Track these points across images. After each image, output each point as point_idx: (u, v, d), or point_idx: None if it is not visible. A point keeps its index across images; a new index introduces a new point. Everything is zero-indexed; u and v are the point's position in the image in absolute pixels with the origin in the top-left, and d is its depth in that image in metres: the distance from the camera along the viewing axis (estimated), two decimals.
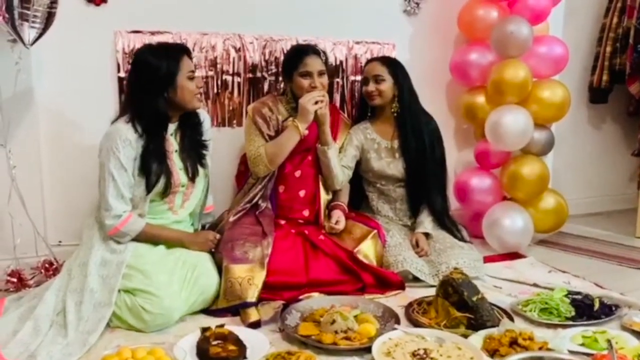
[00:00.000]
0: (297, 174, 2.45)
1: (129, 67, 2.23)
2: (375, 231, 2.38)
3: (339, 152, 2.51)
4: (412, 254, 2.38)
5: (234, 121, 2.73)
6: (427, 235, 2.54)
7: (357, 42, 2.90)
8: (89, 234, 2.05)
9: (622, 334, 1.78)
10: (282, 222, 2.42)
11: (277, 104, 2.45)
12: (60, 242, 2.50)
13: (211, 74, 2.65)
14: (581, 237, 3.20)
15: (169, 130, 2.11)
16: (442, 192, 2.65)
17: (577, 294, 2.10)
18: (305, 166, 2.45)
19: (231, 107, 2.72)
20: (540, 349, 1.62)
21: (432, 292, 2.03)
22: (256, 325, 1.89)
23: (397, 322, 1.87)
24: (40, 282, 2.25)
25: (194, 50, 2.57)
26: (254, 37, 2.70)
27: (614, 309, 1.99)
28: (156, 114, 2.03)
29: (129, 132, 1.99)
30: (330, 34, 2.84)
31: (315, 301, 2.03)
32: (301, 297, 2.08)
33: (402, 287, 2.25)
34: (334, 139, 2.46)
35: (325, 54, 2.45)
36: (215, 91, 2.68)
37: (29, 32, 2.05)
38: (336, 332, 1.76)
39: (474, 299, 1.82)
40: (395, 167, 2.61)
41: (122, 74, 2.49)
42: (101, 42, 2.47)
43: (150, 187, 2.03)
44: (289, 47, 2.65)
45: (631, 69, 3.32)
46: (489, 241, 2.82)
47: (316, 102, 2.29)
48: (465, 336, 1.73)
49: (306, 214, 2.47)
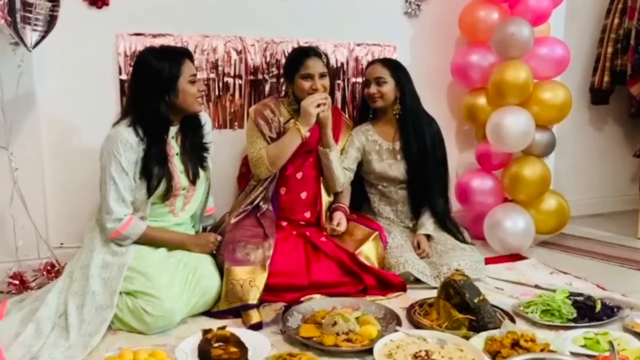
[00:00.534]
0: (299, 175, 2.45)
1: (131, 69, 2.23)
2: (376, 233, 2.38)
3: (340, 153, 2.51)
4: (413, 256, 2.38)
5: (235, 123, 2.73)
6: (428, 236, 2.54)
7: (358, 44, 2.91)
8: (90, 237, 2.06)
9: (624, 336, 1.77)
10: (284, 223, 2.42)
11: (279, 105, 2.45)
12: (62, 244, 2.50)
13: (212, 76, 2.66)
14: (583, 238, 3.19)
15: (170, 133, 2.11)
16: (443, 193, 2.65)
17: (579, 295, 2.09)
18: (306, 168, 2.45)
19: (232, 109, 2.72)
20: (542, 350, 1.61)
21: (433, 293, 2.03)
22: (258, 327, 1.89)
23: (399, 323, 1.87)
24: (42, 284, 2.25)
25: (195, 52, 2.57)
26: (255, 40, 2.71)
27: (615, 310, 1.99)
28: (157, 118, 2.03)
29: (130, 136, 1.99)
30: (331, 36, 2.84)
31: (316, 303, 2.03)
32: (302, 298, 2.08)
33: (404, 289, 2.25)
34: (336, 141, 2.46)
35: (326, 55, 2.43)
36: (216, 93, 2.68)
37: (31, 35, 2.06)
38: (337, 333, 1.76)
39: (476, 300, 1.82)
40: (396, 168, 2.61)
41: (123, 77, 2.49)
42: (103, 45, 2.48)
43: (151, 190, 2.04)
44: (290, 49, 2.66)
45: (632, 70, 3.32)
46: (491, 243, 2.81)
47: (318, 105, 2.28)
48: (466, 338, 1.73)
49: (307, 215, 2.47)
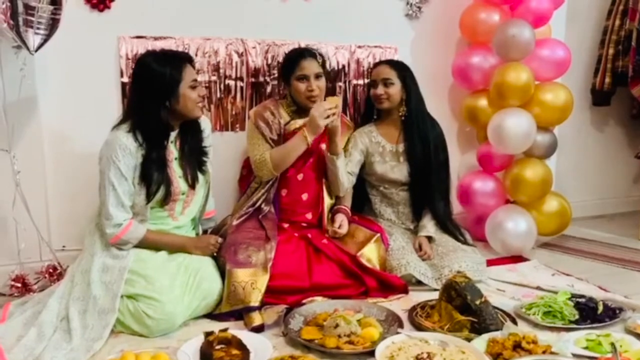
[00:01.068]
0: (300, 177, 2.45)
1: (132, 73, 2.22)
2: (378, 235, 2.38)
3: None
4: (415, 258, 2.38)
5: (237, 125, 2.73)
6: (430, 238, 2.54)
7: (360, 46, 2.91)
8: (91, 241, 2.06)
9: (626, 337, 1.77)
10: (286, 225, 2.42)
11: (278, 107, 2.45)
12: (64, 247, 2.50)
13: (214, 78, 2.66)
14: (585, 239, 3.19)
15: (169, 138, 2.10)
16: (445, 196, 2.65)
17: (581, 297, 2.09)
18: (307, 169, 2.45)
19: (234, 112, 2.73)
20: (543, 352, 1.61)
21: (435, 295, 2.03)
22: (259, 329, 1.90)
23: (401, 326, 1.86)
24: (44, 287, 2.25)
25: (196, 55, 2.58)
26: (256, 42, 2.71)
27: (617, 312, 1.98)
28: (157, 123, 2.02)
29: (129, 141, 1.98)
30: (332, 38, 2.84)
31: (318, 305, 2.03)
32: (304, 301, 2.08)
33: (405, 291, 2.25)
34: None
35: (322, 56, 2.42)
36: (218, 96, 2.68)
37: (33, 38, 2.06)
38: (339, 336, 1.76)
39: (477, 302, 1.82)
40: (399, 171, 2.61)
41: (125, 79, 2.50)
42: (104, 48, 2.48)
43: (150, 196, 2.03)
44: None
45: (634, 71, 3.31)
46: (492, 244, 2.81)
47: (327, 116, 2.25)
48: (468, 340, 1.73)
49: (309, 217, 2.47)
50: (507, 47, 2.71)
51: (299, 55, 2.39)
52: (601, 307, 1.99)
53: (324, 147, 2.43)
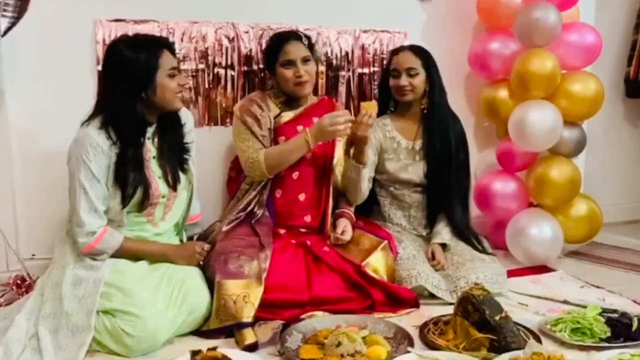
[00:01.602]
0: (295, 175, 2.44)
1: (102, 62, 2.21)
2: (385, 242, 2.37)
3: (343, 154, 2.50)
4: (427, 268, 2.38)
5: (227, 120, 2.73)
6: (444, 246, 2.54)
7: (365, 31, 2.91)
8: (62, 251, 2.05)
9: None
10: (282, 231, 2.42)
11: (265, 100, 2.46)
12: (33, 255, 2.50)
13: (202, 66, 2.66)
14: (617, 247, 3.19)
15: (146, 134, 2.09)
16: (463, 200, 2.65)
17: (613, 312, 2.08)
18: (303, 166, 2.44)
19: (224, 104, 2.72)
20: None
21: (449, 310, 2.03)
22: (253, 347, 1.89)
23: (411, 344, 1.86)
24: (11, 300, 2.24)
25: (182, 40, 2.58)
26: (249, 26, 2.71)
27: None
28: (132, 118, 2.01)
29: (101, 139, 1.97)
30: (334, 22, 2.84)
31: (318, 321, 2.02)
32: (303, 316, 2.08)
33: (416, 305, 2.24)
34: (337, 141, 2.47)
35: (308, 38, 2.43)
36: (206, 86, 2.68)
37: (0, 22, 2.06)
38: (342, 355, 1.75)
39: (497, 318, 1.82)
40: (413, 170, 2.61)
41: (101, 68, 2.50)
42: (79, 32, 2.48)
43: (126, 199, 2.01)
44: None
45: None
46: (514, 253, 2.81)
47: (337, 130, 2.24)
48: None
49: (308, 219, 2.47)
50: (530, 31, 2.71)
51: (282, 39, 2.40)
52: (636, 323, 1.98)
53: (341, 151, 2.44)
